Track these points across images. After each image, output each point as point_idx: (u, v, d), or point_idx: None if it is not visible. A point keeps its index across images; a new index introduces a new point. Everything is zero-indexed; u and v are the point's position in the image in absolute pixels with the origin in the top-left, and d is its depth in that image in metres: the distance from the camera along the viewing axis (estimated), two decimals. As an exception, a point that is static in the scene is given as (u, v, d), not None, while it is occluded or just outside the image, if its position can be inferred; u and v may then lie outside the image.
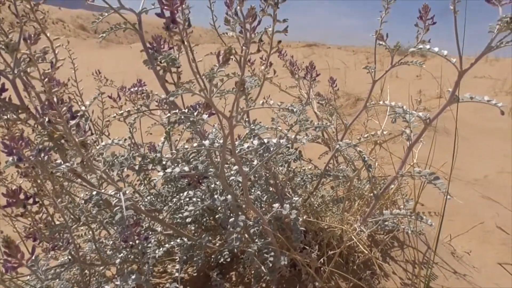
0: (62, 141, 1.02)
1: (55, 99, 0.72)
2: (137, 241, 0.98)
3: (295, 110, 1.52)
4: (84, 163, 0.83)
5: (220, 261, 1.35)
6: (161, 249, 1.33)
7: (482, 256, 2.03)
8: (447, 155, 4.35)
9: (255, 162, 1.07)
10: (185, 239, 1.33)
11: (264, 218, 1.12)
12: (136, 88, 1.52)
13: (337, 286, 1.41)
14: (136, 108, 1.38)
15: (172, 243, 1.33)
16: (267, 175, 1.34)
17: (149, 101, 1.38)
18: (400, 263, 1.65)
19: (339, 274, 1.45)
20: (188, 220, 1.44)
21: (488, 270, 1.89)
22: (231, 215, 1.21)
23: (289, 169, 1.45)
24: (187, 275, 1.56)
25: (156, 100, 1.34)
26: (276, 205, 1.12)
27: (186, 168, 1.05)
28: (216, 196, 1.10)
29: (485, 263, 1.96)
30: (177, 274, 1.33)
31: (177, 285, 1.16)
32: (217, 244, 1.44)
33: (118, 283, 1.30)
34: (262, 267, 1.21)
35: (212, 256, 1.39)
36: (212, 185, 1.31)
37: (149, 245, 1.12)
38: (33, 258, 0.82)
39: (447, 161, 3.38)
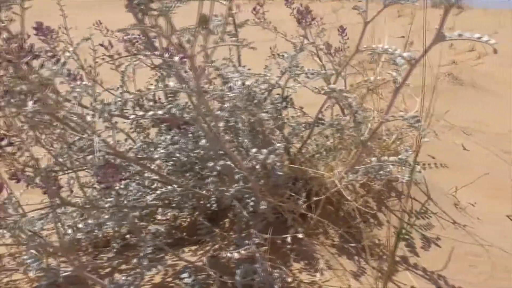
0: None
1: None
2: (112, 183, 1.01)
3: (285, 56, 1.47)
4: (43, 102, 0.84)
5: (210, 208, 1.38)
6: (151, 195, 1.37)
7: (489, 209, 1.97)
8: (472, 110, 4.19)
9: (226, 105, 1.06)
10: (176, 186, 1.36)
11: (242, 163, 1.12)
12: (129, 36, 1.51)
13: (324, 232, 1.42)
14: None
15: (163, 189, 1.36)
16: (251, 121, 1.32)
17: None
18: (395, 213, 1.63)
19: (329, 222, 1.45)
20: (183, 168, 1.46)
21: (493, 222, 1.84)
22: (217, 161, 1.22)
23: (278, 116, 1.42)
24: (181, 221, 1.61)
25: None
26: (254, 150, 1.12)
27: (160, 112, 1.06)
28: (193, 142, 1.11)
29: (491, 215, 1.91)
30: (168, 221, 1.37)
31: (158, 227, 1.19)
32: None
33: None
34: (244, 212, 1.22)
35: (201, 202, 1.42)
36: (199, 132, 1.31)
37: (130, 188, 1.15)
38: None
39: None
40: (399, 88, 1.12)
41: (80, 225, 1.18)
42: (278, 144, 1.20)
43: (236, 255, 1.04)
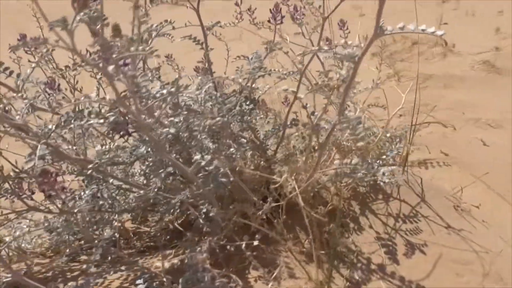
0: None
1: None
2: (51, 191, 1.03)
3: (250, 57, 1.43)
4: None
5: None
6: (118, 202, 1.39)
7: (499, 212, 1.80)
8: (505, 101, 3.86)
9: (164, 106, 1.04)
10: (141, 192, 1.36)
11: (186, 170, 1.10)
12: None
13: (295, 237, 1.36)
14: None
15: (131, 196, 1.38)
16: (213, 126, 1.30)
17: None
18: (380, 217, 1.53)
19: (301, 226, 1.40)
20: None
21: (499, 226, 1.68)
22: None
23: (244, 119, 1.39)
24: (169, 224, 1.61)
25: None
26: (197, 156, 1.09)
27: (101, 120, 1.06)
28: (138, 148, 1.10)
29: (499, 219, 1.74)
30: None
31: (114, 233, 1.21)
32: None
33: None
34: (200, 219, 1.20)
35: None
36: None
37: (84, 195, 1.17)
38: None
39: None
40: (348, 88, 1.04)
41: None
42: (232, 149, 1.17)
43: (166, 265, 1.02)
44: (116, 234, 1.62)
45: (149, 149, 1.13)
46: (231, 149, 1.19)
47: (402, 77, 4.35)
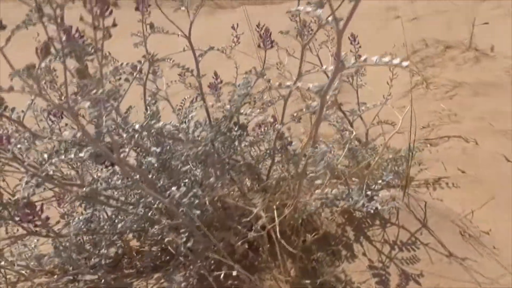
0: None
1: None
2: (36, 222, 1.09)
3: (238, 85, 1.44)
4: None
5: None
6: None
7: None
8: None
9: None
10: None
11: (164, 200, 1.13)
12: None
13: (282, 265, 1.35)
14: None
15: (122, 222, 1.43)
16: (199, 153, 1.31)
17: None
18: (376, 244, 1.48)
19: (288, 254, 1.38)
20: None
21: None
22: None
23: (233, 145, 1.39)
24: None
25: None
26: (174, 188, 1.11)
27: (81, 154, 1.11)
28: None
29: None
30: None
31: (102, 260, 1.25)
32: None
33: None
34: (181, 247, 1.22)
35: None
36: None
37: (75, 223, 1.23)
38: None
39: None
40: (318, 121, 1.02)
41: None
42: (211, 180, 1.18)
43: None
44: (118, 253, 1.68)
45: (123, 181, 1.16)
46: (211, 179, 1.19)
47: (431, 84, 4.18)
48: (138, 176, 1.18)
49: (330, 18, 0.84)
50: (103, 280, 1.40)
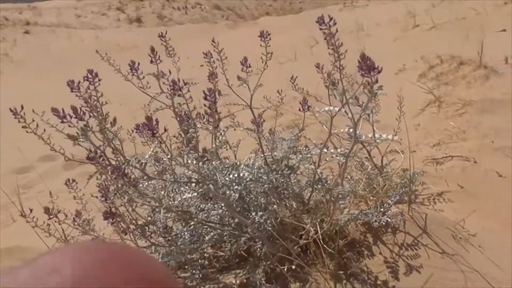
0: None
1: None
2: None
3: (287, 139, 2.09)
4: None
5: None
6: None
7: (497, 239, 2.25)
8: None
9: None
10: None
11: (247, 222, 1.78)
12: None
13: (323, 262, 1.98)
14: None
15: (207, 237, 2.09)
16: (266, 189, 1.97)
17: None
18: (388, 245, 2.09)
19: (328, 254, 2.01)
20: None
21: (494, 251, 2.14)
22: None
23: (285, 181, 2.04)
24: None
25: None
26: (253, 213, 1.77)
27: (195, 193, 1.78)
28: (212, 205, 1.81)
29: (497, 245, 2.20)
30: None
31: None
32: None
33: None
34: (257, 252, 1.88)
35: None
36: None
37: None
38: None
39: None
40: (342, 176, 1.66)
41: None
42: (273, 207, 1.83)
43: (238, 281, 1.70)
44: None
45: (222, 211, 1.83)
46: (274, 206, 1.85)
47: (443, 102, 4.65)
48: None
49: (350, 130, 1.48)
50: (199, 275, 2.07)
